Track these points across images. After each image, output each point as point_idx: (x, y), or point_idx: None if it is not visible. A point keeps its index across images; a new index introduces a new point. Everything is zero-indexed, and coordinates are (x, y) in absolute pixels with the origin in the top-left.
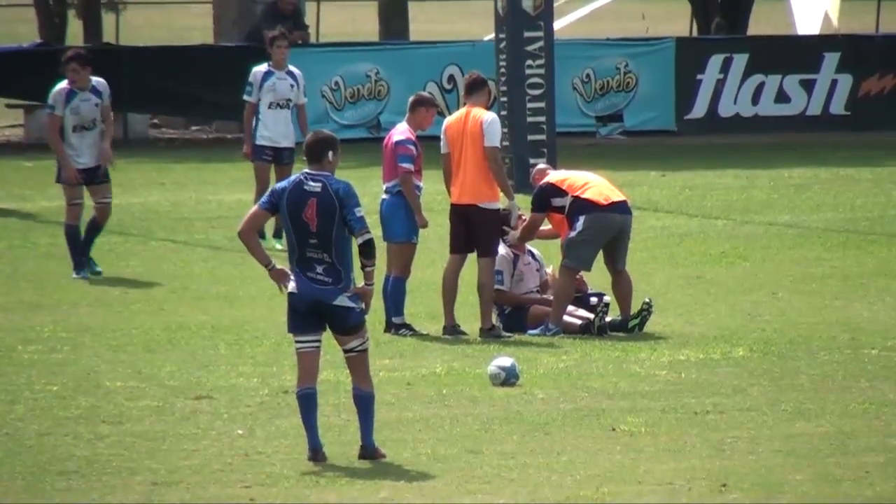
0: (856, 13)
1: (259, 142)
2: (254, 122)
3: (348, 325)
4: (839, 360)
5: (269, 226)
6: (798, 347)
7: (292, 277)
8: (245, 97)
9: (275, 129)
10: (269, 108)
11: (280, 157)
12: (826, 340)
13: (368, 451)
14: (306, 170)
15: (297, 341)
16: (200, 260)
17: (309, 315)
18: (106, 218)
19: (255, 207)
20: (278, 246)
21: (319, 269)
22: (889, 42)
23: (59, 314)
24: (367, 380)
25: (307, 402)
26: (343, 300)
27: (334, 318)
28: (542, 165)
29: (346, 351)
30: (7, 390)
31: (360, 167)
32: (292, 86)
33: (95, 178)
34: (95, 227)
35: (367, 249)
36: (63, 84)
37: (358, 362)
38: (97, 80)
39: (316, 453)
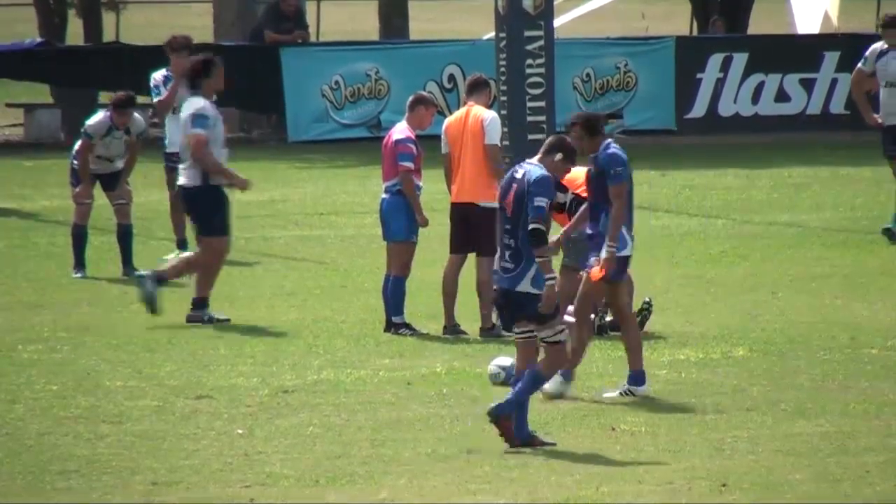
0: (855, 12)
1: (167, 150)
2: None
3: (530, 312)
4: (839, 360)
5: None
6: (798, 347)
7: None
8: (155, 98)
9: (178, 133)
10: (173, 112)
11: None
12: (826, 340)
13: (502, 408)
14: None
15: (513, 332)
16: None
17: (506, 308)
18: (124, 219)
19: None
20: (168, 256)
21: (507, 255)
22: None
23: (59, 314)
24: (546, 366)
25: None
26: (526, 286)
27: (519, 305)
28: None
29: (540, 339)
30: (7, 390)
31: (360, 166)
32: None
33: (113, 183)
34: (123, 236)
35: (532, 237)
36: (103, 117)
37: (548, 352)
38: (135, 118)
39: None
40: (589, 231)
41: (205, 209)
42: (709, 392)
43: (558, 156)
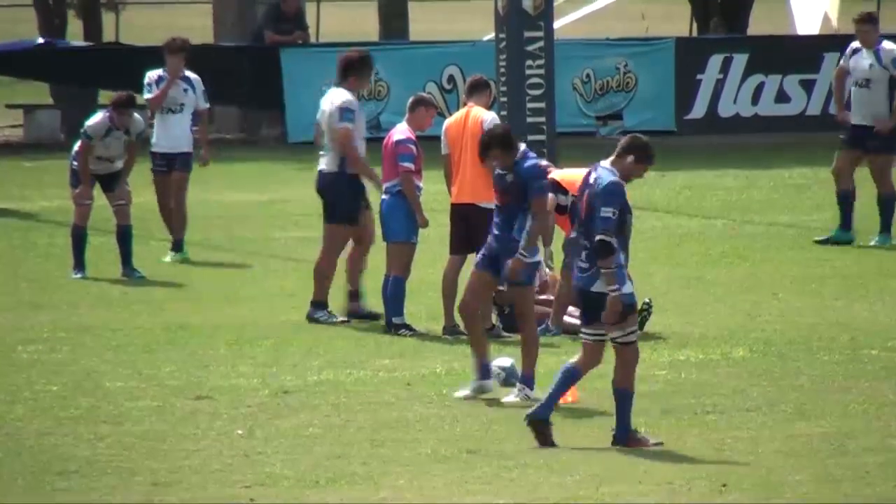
0: (855, 13)
1: (152, 149)
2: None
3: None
4: (839, 361)
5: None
6: (798, 348)
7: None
8: (146, 96)
9: (168, 134)
10: (161, 112)
11: (172, 164)
12: (826, 341)
13: (619, 440)
14: (602, 161)
15: (581, 331)
16: (200, 260)
17: (581, 305)
18: (124, 220)
19: None
20: (167, 258)
21: (583, 255)
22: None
23: (59, 314)
24: (623, 376)
25: (564, 375)
26: (600, 286)
27: (593, 305)
28: (543, 163)
29: (610, 340)
30: (7, 390)
31: None
32: (186, 90)
33: (112, 184)
34: (123, 236)
35: (598, 248)
36: (103, 117)
37: (619, 354)
38: (135, 118)
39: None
40: (496, 232)
41: (337, 196)
42: (708, 393)
43: (630, 158)
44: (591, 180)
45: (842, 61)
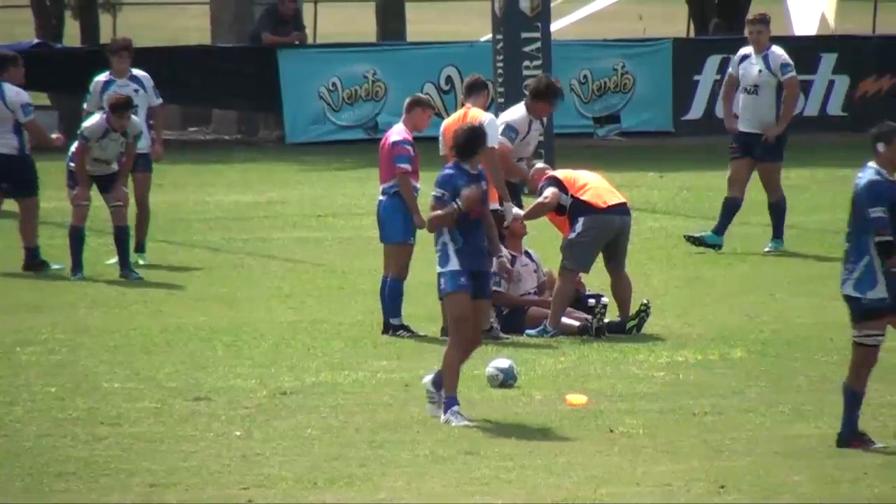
0: (852, 14)
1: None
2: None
3: (853, 312)
4: (837, 362)
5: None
6: (796, 348)
7: None
8: (84, 105)
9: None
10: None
11: (133, 166)
12: (824, 342)
13: (844, 438)
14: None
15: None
16: (198, 261)
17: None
18: (121, 221)
19: None
20: (140, 261)
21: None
22: (886, 43)
23: (58, 315)
24: (852, 375)
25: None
26: (848, 289)
27: (852, 307)
28: (540, 165)
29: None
30: (5, 392)
31: (357, 168)
32: (137, 90)
33: (108, 185)
34: (120, 238)
35: (879, 251)
36: (100, 119)
37: (852, 351)
38: (132, 120)
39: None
40: (477, 244)
41: None
42: (707, 394)
43: (879, 146)
44: (857, 180)
45: (730, 69)
